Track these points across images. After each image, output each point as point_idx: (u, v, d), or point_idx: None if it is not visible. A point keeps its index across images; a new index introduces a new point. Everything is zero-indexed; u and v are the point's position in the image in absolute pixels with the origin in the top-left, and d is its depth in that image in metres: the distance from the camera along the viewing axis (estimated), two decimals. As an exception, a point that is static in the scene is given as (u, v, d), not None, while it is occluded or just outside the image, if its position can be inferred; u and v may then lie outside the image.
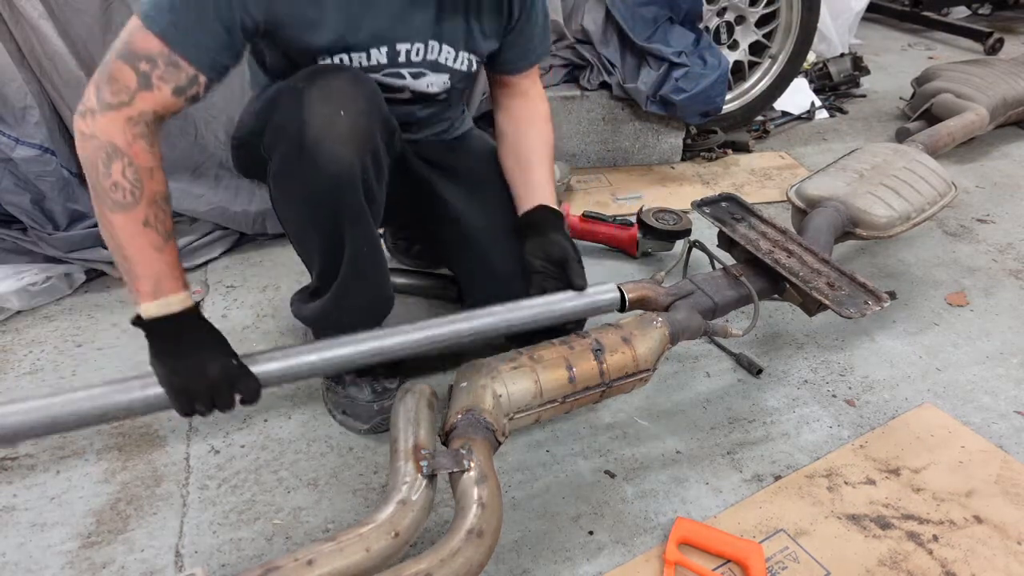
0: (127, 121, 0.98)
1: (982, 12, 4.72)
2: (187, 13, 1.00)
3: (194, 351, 1.04)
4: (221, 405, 1.04)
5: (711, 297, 1.38)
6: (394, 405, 1.10)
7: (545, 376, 1.14)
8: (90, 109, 0.98)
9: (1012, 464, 1.36)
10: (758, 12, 2.60)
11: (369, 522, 0.93)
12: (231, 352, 1.07)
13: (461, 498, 0.96)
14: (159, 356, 1.03)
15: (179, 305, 1.03)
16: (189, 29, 1.00)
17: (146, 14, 0.99)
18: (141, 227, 1.00)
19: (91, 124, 0.98)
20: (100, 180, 0.98)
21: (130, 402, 1.04)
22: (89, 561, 1.15)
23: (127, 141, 0.98)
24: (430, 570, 0.87)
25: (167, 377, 1.03)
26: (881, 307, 1.34)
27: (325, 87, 1.10)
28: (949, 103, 2.57)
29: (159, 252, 1.02)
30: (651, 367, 1.23)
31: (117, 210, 0.99)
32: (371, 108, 1.14)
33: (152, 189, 1.00)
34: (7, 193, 1.63)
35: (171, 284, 1.03)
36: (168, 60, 1.00)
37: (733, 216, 1.60)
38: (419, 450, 1.00)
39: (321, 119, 1.09)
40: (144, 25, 0.99)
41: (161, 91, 1.00)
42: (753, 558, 1.13)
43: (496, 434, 1.06)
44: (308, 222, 1.21)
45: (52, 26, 1.59)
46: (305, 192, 1.15)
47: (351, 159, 1.11)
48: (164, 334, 1.04)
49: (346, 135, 1.10)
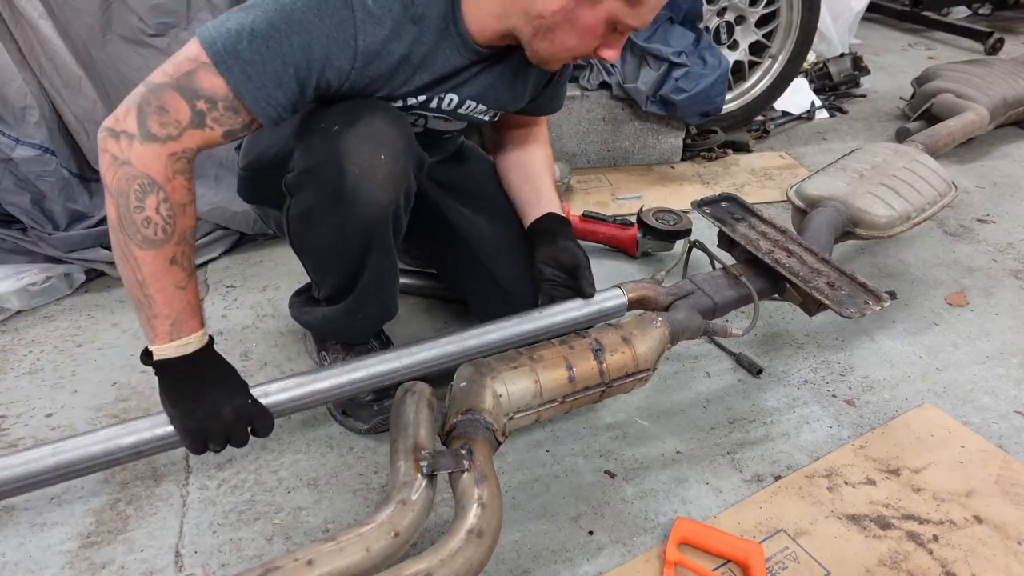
0: (170, 156, 0.92)
1: (982, 12, 4.72)
2: (264, 65, 0.94)
3: (208, 392, 1.01)
4: (235, 443, 1.03)
5: (711, 297, 1.38)
6: (394, 405, 1.10)
7: (545, 376, 1.13)
8: (128, 133, 0.91)
9: (1012, 464, 1.36)
10: (758, 12, 2.59)
11: (369, 522, 0.93)
12: (245, 390, 1.05)
13: (461, 498, 0.96)
14: (172, 398, 1.00)
15: (196, 344, 1.00)
16: (264, 82, 0.95)
17: (217, 53, 0.92)
18: (168, 265, 0.95)
19: (127, 150, 0.91)
20: (131, 213, 0.92)
21: (137, 444, 1.03)
22: (89, 561, 1.15)
23: (167, 177, 0.92)
24: (430, 570, 0.87)
25: (180, 419, 1.00)
26: (881, 307, 1.33)
27: (364, 128, 1.06)
28: (949, 103, 2.57)
29: (182, 291, 0.97)
30: (651, 367, 1.23)
31: (146, 247, 0.93)
32: (408, 148, 1.11)
33: (184, 225, 0.96)
34: (7, 193, 1.63)
35: (191, 324, 0.99)
36: (230, 105, 0.95)
37: (733, 216, 1.60)
38: (419, 450, 1.00)
39: (362, 164, 1.05)
40: (213, 63, 0.93)
41: (213, 132, 0.96)
42: (753, 558, 1.13)
43: (496, 434, 1.05)
44: (330, 255, 1.19)
45: (52, 26, 1.59)
46: (336, 231, 1.13)
47: (388, 201, 1.09)
48: (177, 375, 1.00)
49: (386, 179, 1.07)
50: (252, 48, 0.94)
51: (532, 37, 1.10)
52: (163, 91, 0.92)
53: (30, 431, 1.38)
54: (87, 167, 1.78)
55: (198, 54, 0.93)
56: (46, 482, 1.01)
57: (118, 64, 1.70)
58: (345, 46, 1.01)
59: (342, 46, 1.00)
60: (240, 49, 0.93)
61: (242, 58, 0.93)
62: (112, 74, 1.71)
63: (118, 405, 1.45)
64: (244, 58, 0.93)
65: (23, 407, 1.44)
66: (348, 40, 1.01)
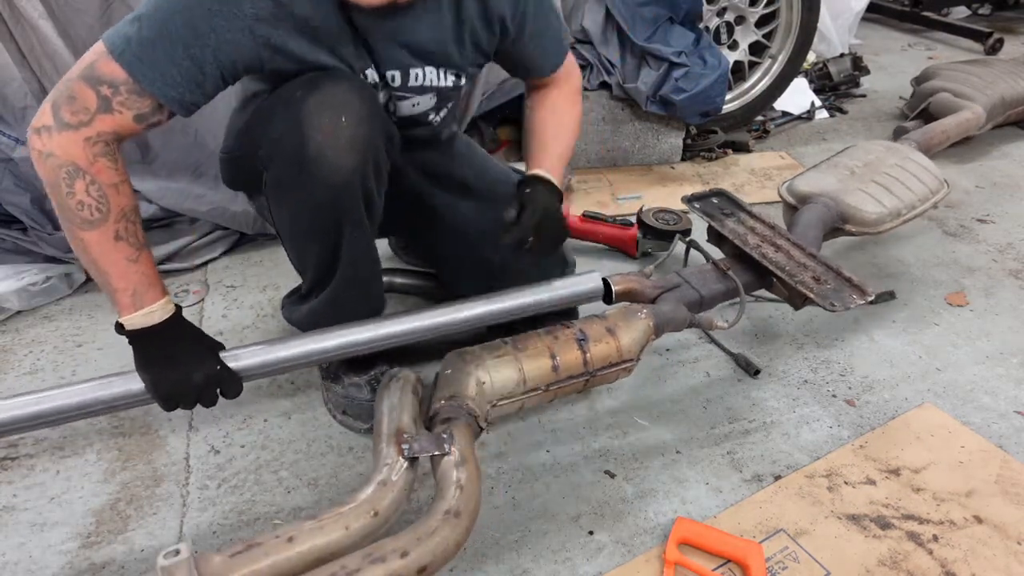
0: (86, 141, 0.97)
1: (982, 12, 4.72)
2: (153, 46, 0.98)
3: (179, 359, 1.07)
4: (205, 403, 1.10)
5: (697, 290, 1.40)
6: (379, 391, 1.13)
7: (529, 365, 1.16)
8: (46, 126, 0.96)
9: (1012, 464, 1.36)
10: (758, 12, 2.60)
11: (349, 501, 0.95)
12: (214, 354, 1.12)
13: (441, 480, 0.99)
14: (144, 365, 1.07)
15: (161, 313, 1.06)
16: (156, 61, 0.98)
17: (113, 42, 0.98)
18: (113, 242, 1.00)
19: (47, 142, 0.96)
20: (64, 199, 0.97)
21: (112, 397, 1.09)
22: (89, 561, 1.15)
23: (88, 160, 0.97)
24: (407, 548, 0.89)
25: (152, 384, 1.07)
26: (865, 301, 1.35)
27: (325, 94, 1.08)
28: (946, 102, 2.57)
29: (134, 263, 1.03)
30: (635, 357, 1.25)
31: (86, 227, 0.99)
32: (372, 114, 1.13)
33: (120, 204, 1.00)
34: (7, 193, 1.63)
35: (151, 294, 1.05)
36: (131, 88, 0.99)
37: (723, 211, 1.61)
38: (401, 434, 1.03)
39: (322, 128, 1.07)
40: (108, 51, 0.97)
41: (122, 115, 0.99)
42: (753, 558, 1.13)
43: (478, 420, 1.09)
44: (306, 230, 1.20)
45: (52, 26, 1.59)
46: (305, 203, 1.14)
47: (353, 167, 1.10)
48: (148, 344, 1.07)
49: (348, 143, 1.09)
50: (140, 34, 0.98)
51: None
52: (72, 83, 0.97)
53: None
54: (87, 167, 1.78)
55: (98, 47, 0.98)
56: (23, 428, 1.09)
57: (118, 64, 1.70)
58: (232, 17, 1.01)
59: (228, 17, 1.01)
60: (130, 35, 0.98)
61: (132, 42, 0.97)
62: (112, 74, 1.70)
63: (118, 405, 1.45)
64: (134, 42, 0.97)
65: (23, 407, 1.44)
66: (234, 11, 1.01)
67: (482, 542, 1.19)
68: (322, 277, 1.25)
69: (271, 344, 1.18)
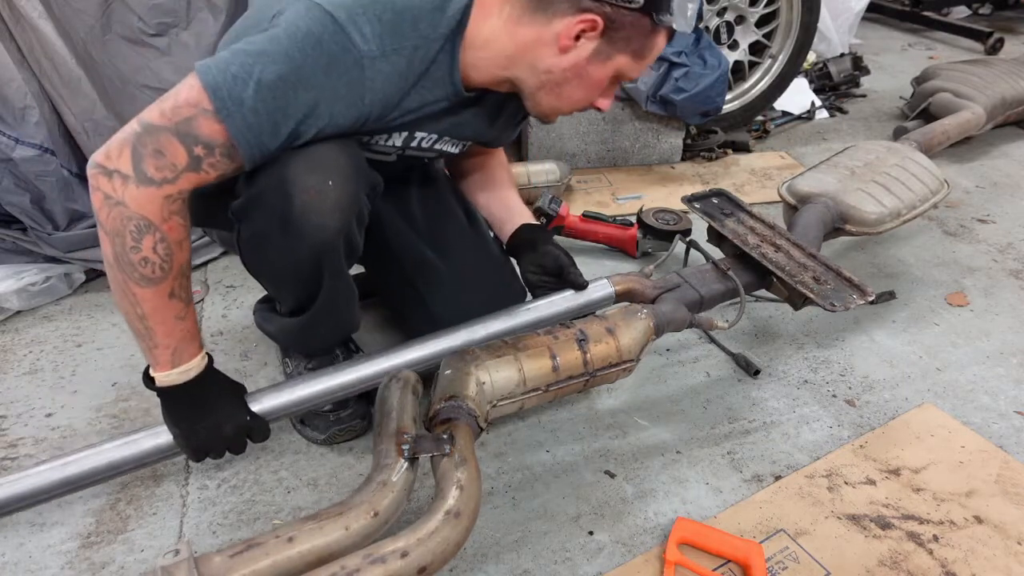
0: (166, 199, 0.91)
1: (982, 12, 4.72)
2: (267, 116, 0.93)
3: (209, 413, 1.05)
4: (234, 452, 1.10)
5: (697, 290, 1.40)
6: (379, 391, 1.13)
7: (529, 365, 1.16)
8: (121, 173, 0.89)
9: (1012, 464, 1.36)
10: (758, 12, 2.59)
11: (349, 502, 0.95)
12: (243, 405, 1.10)
13: (441, 480, 0.98)
14: (174, 418, 1.05)
15: (196, 369, 1.03)
16: (262, 131, 0.94)
17: (221, 100, 0.90)
18: (167, 299, 0.96)
19: (120, 190, 0.90)
20: (128, 253, 0.92)
21: (140, 454, 1.08)
22: (89, 561, 1.15)
23: (163, 218, 0.92)
24: (407, 548, 0.89)
25: (184, 437, 1.05)
26: (865, 301, 1.35)
27: (312, 154, 1.02)
28: (947, 102, 2.57)
29: (182, 321, 0.99)
30: (635, 357, 1.25)
31: (144, 284, 0.94)
32: (358, 171, 1.08)
33: (181, 260, 0.96)
34: (7, 193, 1.63)
35: (190, 350, 1.02)
36: (227, 152, 0.94)
37: (723, 211, 1.61)
38: (402, 434, 1.03)
39: (309, 191, 1.02)
40: (215, 110, 0.90)
41: (207, 175, 0.95)
42: (753, 558, 1.13)
43: (478, 420, 1.08)
44: (284, 278, 1.18)
45: (52, 26, 1.59)
46: (286, 258, 1.11)
47: (338, 228, 1.07)
48: (179, 399, 1.04)
49: (334, 205, 1.04)
50: (257, 98, 0.92)
51: (537, 90, 1.12)
52: (160, 134, 0.90)
53: (30, 431, 1.38)
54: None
55: (199, 99, 0.91)
56: (50, 497, 1.06)
57: (118, 64, 1.70)
58: (351, 106, 1.00)
59: (348, 105, 1.00)
60: (244, 98, 0.91)
61: (245, 106, 0.92)
62: (112, 74, 1.71)
63: (118, 405, 1.45)
64: (247, 107, 0.92)
65: (23, 407, 1.44)
66: (356, 101, 1.00)
67: (482, 542, 1.19)
68: (298, 310, 1.24)
69: (292, 384, 1.17)
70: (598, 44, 1.06)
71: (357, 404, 1.36)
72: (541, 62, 1.08)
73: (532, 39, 1.07)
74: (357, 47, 0.97)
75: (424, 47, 1.04)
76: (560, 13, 1.04)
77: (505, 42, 1.08)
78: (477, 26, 1.07)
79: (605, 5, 1.03)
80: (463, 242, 1.45)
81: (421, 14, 1.02)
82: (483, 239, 1.48)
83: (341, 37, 0.96)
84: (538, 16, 1.05)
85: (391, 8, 1.00)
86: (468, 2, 1.06)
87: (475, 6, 1.06)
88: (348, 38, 0.97)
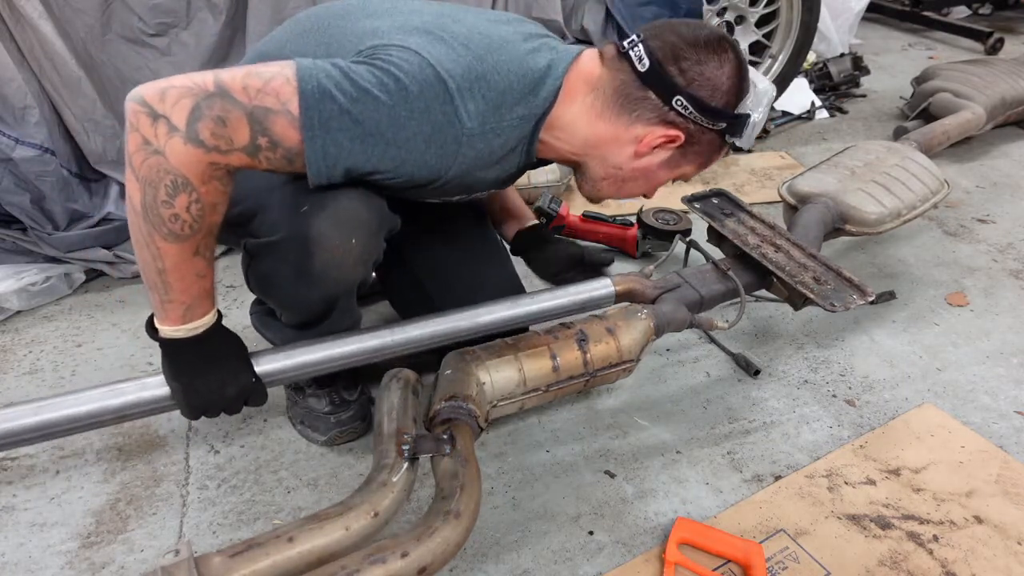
0: (211, 165, 0.87)
1: (982, 12, 4.72)
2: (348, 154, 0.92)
3: (213, 370, 1.01)
4: (230, 413, 1.07)
5: (697, 290, 1.40)
6: (379, 391, 1.12)
7: (529, 365, 1.16)
8: (170, 123, 0.84)
9: (1012, 464, 1.36)
10: (758, 12, 2.60)
11: (349, 502, 0.95)
12: (249, 365, 1.07)
13: (441, 480, 0.99)
14: (175, 374, 1.01)
15: (205, 325, 0.99)
16: (336, 164, 0.93)
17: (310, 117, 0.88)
18: (191, 256, 0.92)
19: (164, 140, 0.84)
20: (159, 207, 0.87)
21: (122, 406, 1.03)
22: (89, 561, 1.15)
23: (202, 180, 0.87)
24: (407, 548, 0.89)
25: (182, 393, 1.01)
26: (865, 301, 1.35)
27: (338, 212, 0.99)
28: (947, 102, 2.57)
29: (201, 279, 0.96)
30: (635, 358, 1.25)
31: (171, 240, 0.89)
32: (380, 225, 1.07)
33: (212, 221, 0.92)
34: (7, 193, 1.63)
35: (203, 307, 0.98)
36: (290, 157, 0.91)
37: (723, 211, 1.61)
38: (402, 434, 1.03)
39: (332, 248, 1.00)
40: (301, 123, 0.88)
41: (259, 164, 0.91)
42: (753, 558, 1.13)
43: (478, 420, 1.09)
44: (291, 308, 1.17)
45: (52, 26, 1.59)
46: (298, 299, 1.10)
47: (356, 280, 1.09)
48: (184, 352, 1.00)
49: (356, 260, 1.04)
50: (346, 135, 0.90)
51: (601, 180, 1.16)
52: (233, 106, 0.86)
53: (30, 431, 1.38)
54: (87, 167, 1.78)
55: (288, 99, 0.88)
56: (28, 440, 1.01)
57: (118, 64, 1.70)
58: (432, 172, 1.00)
59: (430, 172, 1.00)
60: (334, 127, 0.89)
61: (331, 136, 0.90)
62: (112, 74, 1.71)
63: (118, 405, 1.45)
64: (331, 139, 0.90)
65: (23, 407, 1.44)
66: (439, 170, 1.00)
67: (482, 542, 1.19)
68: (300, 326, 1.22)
69: (293, 349, 1.13)
70: (672, 154, 1.12)
71: (358, 405, 1.36)
72: (613, 157, 1.11)
73: (610, 135, 1.09)
74: (462, 122, 0.97)
75: (519, 128, 1.05)
76: (643, 120, 1.07)
77: (583, 131, 1.10)
78: (561, 110, 1.08)
79: (689, 122, 1.06)
80: (474, 244, 1.44)
81: (520, 98, 1.03)
82: (494, 244, 1.48)
83: (449, 109, 0.95)
84: (622, 116, 1.07)
85: (494, 88, 0.99)
86: (558, 87, 1.06)
87: (562, 90, 1.07)
88: (455, 111, 0.96)
